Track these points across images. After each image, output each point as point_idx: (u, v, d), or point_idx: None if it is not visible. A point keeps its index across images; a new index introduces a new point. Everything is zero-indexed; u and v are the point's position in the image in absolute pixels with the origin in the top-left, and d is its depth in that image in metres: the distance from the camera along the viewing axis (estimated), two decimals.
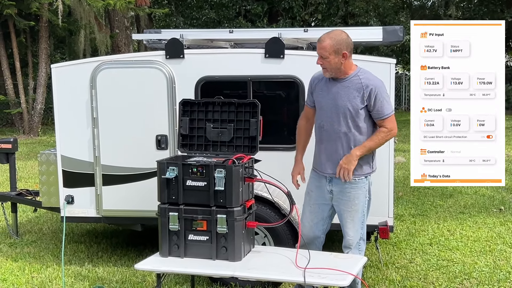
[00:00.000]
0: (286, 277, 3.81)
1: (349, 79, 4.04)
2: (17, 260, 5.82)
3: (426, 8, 27.06)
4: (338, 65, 3.98)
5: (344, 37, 4.01)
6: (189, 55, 5.13)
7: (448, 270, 5.34)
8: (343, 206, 4.17)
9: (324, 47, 3.96)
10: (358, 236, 4.20)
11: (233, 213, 3.90)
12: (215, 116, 4.32)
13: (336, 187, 4.15)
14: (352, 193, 4.12)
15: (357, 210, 4.15)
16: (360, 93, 3.99)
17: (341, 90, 4.04)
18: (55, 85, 5.35)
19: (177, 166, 3.98)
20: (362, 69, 4.10)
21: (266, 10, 21.87)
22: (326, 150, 4.15)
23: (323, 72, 4.08)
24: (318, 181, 4.25)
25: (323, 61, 4.00)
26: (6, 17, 16.92)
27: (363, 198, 4.17)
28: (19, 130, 18.21)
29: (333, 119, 4.06)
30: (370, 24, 20.75)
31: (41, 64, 17.45)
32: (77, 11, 16.56)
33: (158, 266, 3.95)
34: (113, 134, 5.24)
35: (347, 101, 4.01)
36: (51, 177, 5.58)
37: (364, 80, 4.00)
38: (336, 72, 4.02)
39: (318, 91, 4.17)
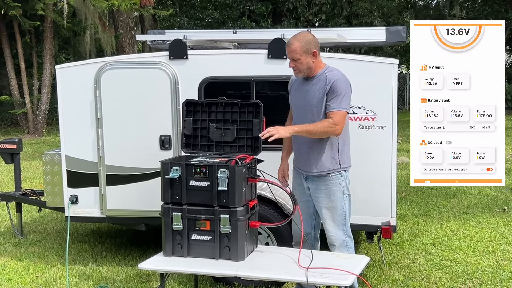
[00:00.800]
0: (288, 277, 3.82)
1: (318, 77, 4.17)
2: (22, 259, 5.85)
3: (430, 8, 27.04)
4: (310, 64, 4.12)
5: (311, 37, 4.15)
6: (192, 55, 5.16)
7: (451, 270, 5.35)
8: (320, 203, 4.25)
9: (295, 49, 4.08)
10: (340, 233, 4.27)
11: (236, 213, 3.92)
12: (218, 116, 4.34)
13: (312, 184, 4.26)
14: (327, 189, 4.21)
15: (335, 206, 4.22)
16: (324, 88, 4.10)
17: (310, 88, 4.17)
18: (60, 86, 5.39)
19: (181, 166, 4.00)
20: (330, 67, 4.22)
21: (270, 10, 21.87)
22: (298, 148, 4.29)
23: (295, 74, 4.22)
24: (298, 179, 4.37)
25: (295, 63, 4.12)
26: (11, 18, 16.99)
27: (340, 194, 4.23)
28: (24, 130, 18.27)
29: (303, 117, 4.19)
30: (374, 24, 20.74)
31: (45, 64, 17.51)
32: (82, 11, 16.60)
33: (162, 266, 3.98)
34: (117, 134, 5.27)
35: (314, 97, 4.13)
36: (56, 177, 5.61)
37: (329, 75, 4.12)
38: (307, 72, 4.15)
39: (293, 92, 4.34)
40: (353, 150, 4.80)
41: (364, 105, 4.85)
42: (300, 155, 4.27)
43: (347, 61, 4.93)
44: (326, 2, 21.57)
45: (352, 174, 4.81)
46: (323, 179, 4.19)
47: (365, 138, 4.88)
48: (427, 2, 27.75)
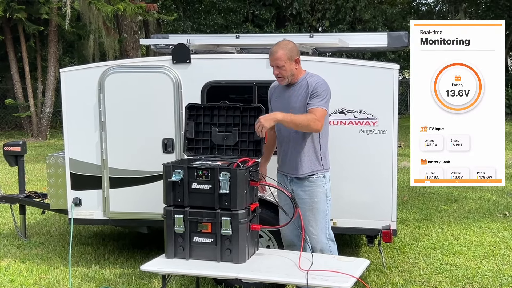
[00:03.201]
0: (289, 279, 3.86)
1: (299, 82, 4.29)
2: (25, 261, 5.90)
3: (433, 13, 27.09)
4: (293, 71, 4.24)
5: (293, 45, 4.28)
6: (195, 60, 5.21)
7: (451, 274, 5.38)
8: (303, 204, 4.31)
9: (279, 57, 4.18)
10: (323, 236, 4.35)
11: (237, 216, 3.95)
12: (221, 120, 4.39)
13: (296, 186, 4.35)
14: (311, 191, 4.30)
15: (318, 208, 4.31)
16: (307, 92, 4.21)
17: (292, 94, 4.28)
18: (64, 89, 5.44)
19: (183, 169, 4.04)
20: (310, 72, 4.34)
21: (274, 15, 21.93)
22: (283, 151, 4.38)
23: (279, 81, 4.31)
24: (282, 182, 4.43)
25: (279, 71, 4.22)
26: (15, 22, 17.07)
27: (323, 197, 4.32)
28: (28, 133, 18.33)
29: None
30: (377, 30, 20.79)
31: (50, 68, 17.58)
32: (86, 15, 16.67)
33: (164, 268, 4.01)
34: (120, 137, 5.31)
35: (297, 102, 4.24)
36: (59, 180, 5.65)
37: (310, 80, 4.25)
38: (291, 79, 4.26)
39: (275, 98, 4.43)
40: (354, 155, 4.84)
41: (365, 109, 4.89)
42: (285, 158, 4.36)
43: (348, 66, 4.98)
44: (330, 8, 21.63)
45: (353, 178, 4.85)
46: (307, 181, 4.30)
47: (366, 143, 4.91)
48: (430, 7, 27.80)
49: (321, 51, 6.31)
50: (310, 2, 21.70)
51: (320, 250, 4.34)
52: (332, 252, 4.40)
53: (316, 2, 21.90)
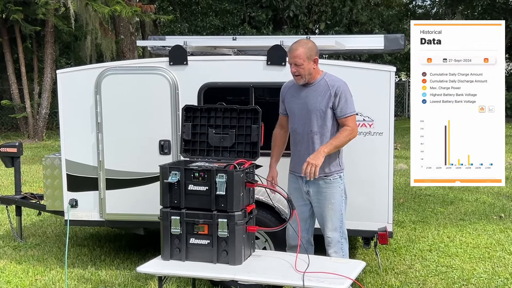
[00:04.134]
0: (285, 281, 3.86)
1: (317, 83, 4.27)
2: (21, 262, 5.89)
3: (430, 15, 27.17)
4: (311, 70, 4.22)
5: (312, 44, 4.28)
6: (192, 61, 5.21)
7: (447, 276, 5.39)
8: (320, 205, 4.33)
9: (299, 55, 4.18)
10: (337, 235, 4.37)
11: (234, 218, 3.95)
12: (217, 122, 4.39)
13: (313, 187, 4.33)
14: (328, 192, 4.31)
15: (334, 209, 4.32)
16: (327, 93, 4.22)
17: (310, 94, 4.26)
18: (61, 90, 5.43)
19: (180, 170, 4.04)
20: (328, 73, 4.34)
21: (271, 17, 21.95)
22: (300, 152, 4.34)
23: (296, 79, 4.29)
24: (295, 183, 4.42)
25: (297, 69, 4.21)
26: (12, 22, 17.07)
27: (340, 198, 4.34)
28: (24, 135, 18.32)
29: (305, 122, 4.27)
30: (374, 32, 20.83)
31: (46, 69, 17.57)
32: (83, 16, 16.67)
33: (160, 269, 4.01)
34: (117, 139, 5.31)
35: (316, 102, 4.23)
36: (56, 181, 5.65)
37: (330, 81, 4.25)
38: (308, 78, 4.25)
39: (289, 98, 4.40)
40: (351, 156, 4.85)
41: (361, 111, 4.90)
42: (301, 159, 4.29)
43: (344, 68, 4.98)
44: (326, 10, 21.66)
45: (350, 180, 4.86)
46: (324, 182, 4.29)
47: (363, 145, 4.92)
48: (426, 10, 27.88)
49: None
50: (307, 4, 21.73)
51: (333, 248, 4.38)
52: (344, 251, 4.42)
53: (312, 5, 21.93)
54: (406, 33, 19.86)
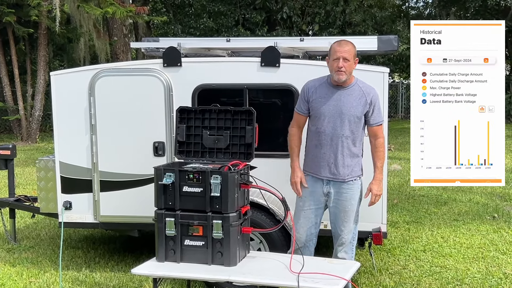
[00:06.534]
0: (280, 282, 3.87)
1: (351, 87, 4.26)
2: (15, 265, 5.87)
3: (423, 17, 27.23)
4: (352, 70, 4.21)
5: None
6: (186, 63, 5.21)
7: (441, 276, 5.41)
8: (339, 206, 4.35)
9: (349, 50, 4.15)
10: (350, 235, 4.41)
11: (228, 219, 3.96)
12: (212, 123, 4.40)
13: (334, 187, 4.34)
14: (349, 193, 4.34)
15: (353, 210, 4.36)
16: (362, 99, 4.23)
17: (344, 98, 4.24)
18: (54, 92, 5.42)
19: (174, 172, 4.05)
20: (359, 79, 4.33)
21: (264, 18, 21.98)
22: (325, 154, 4.30)
23: (339, 75, 4.16)
24: (312, 186, 4.38)
25: (344, 64, 4.14)
26: (5, 25, 17.02)
27: (358, 200, 4.40)
28: (17, 137, 18.26)
29: (336, 125, 4.24)
30: (367, 33, 20.89)
31: (39, 71, 17.53)
32: (76, 18, 16.64)
33: (155, 271, 4.01)
34: (111, 140, 5.30)
35: (351, 107, 4.22)
36: (49, 183, 5.64)
37: (364, 87, 4.26)
38: (348, 77, 4.21)
39: (318, 98, 4.30)
40: None
41: None
42: (323, 161, 4.29)
43: None
44: (320, 12, 21.71)
45: None
46: (346, 184, 4.32)
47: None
48: (419, 11, 27.97)
49: (311, 55, 6.33)
50: (300, 6, 21.78)
51: (345, 251, 4.42)
52: (353, 251, 4.49)
53: (306, 6, 21.98)
54: (399, 34, 19.87)
